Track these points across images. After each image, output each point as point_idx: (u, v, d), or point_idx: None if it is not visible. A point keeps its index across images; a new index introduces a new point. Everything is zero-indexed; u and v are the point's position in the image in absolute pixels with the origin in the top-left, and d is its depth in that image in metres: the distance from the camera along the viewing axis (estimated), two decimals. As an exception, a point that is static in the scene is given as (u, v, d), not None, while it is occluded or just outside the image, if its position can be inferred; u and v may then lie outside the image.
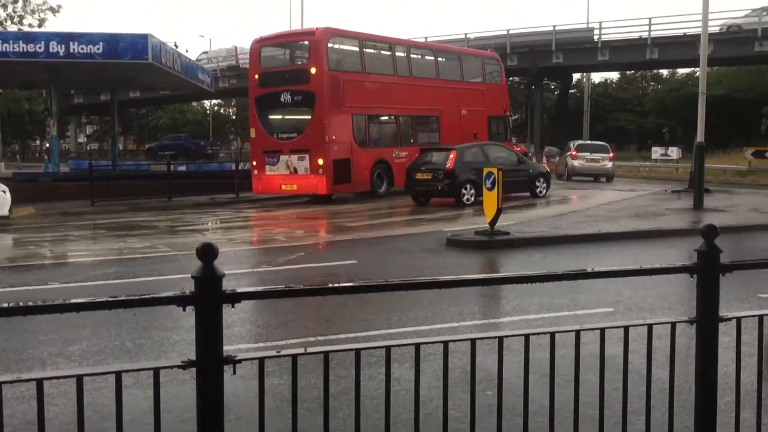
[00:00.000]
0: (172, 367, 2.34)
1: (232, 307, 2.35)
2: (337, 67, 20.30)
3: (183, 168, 26.53)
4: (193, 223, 16.65)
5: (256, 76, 21.01)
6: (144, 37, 20.62)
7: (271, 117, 21.06)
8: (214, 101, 74.99)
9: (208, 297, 2.28)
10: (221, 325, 2.31)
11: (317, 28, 20.48)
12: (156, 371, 2.32)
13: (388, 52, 22.79)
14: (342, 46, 21.24)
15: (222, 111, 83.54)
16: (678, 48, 42.18)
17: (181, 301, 2.29)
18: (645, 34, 44.05)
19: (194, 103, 75.96)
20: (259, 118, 21.05)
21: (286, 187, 20.60)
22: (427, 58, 24.82)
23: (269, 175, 20.64)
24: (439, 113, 23.67)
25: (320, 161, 19.46)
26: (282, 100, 20.24)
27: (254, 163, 21.21)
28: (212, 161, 42.95)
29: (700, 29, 18.43)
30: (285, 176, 20.36)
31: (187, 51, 33.89)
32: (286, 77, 20.38)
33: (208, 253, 2.29)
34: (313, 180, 19.86)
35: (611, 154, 31.10)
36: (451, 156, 18.45)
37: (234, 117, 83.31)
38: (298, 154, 19.92)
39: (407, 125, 22.83)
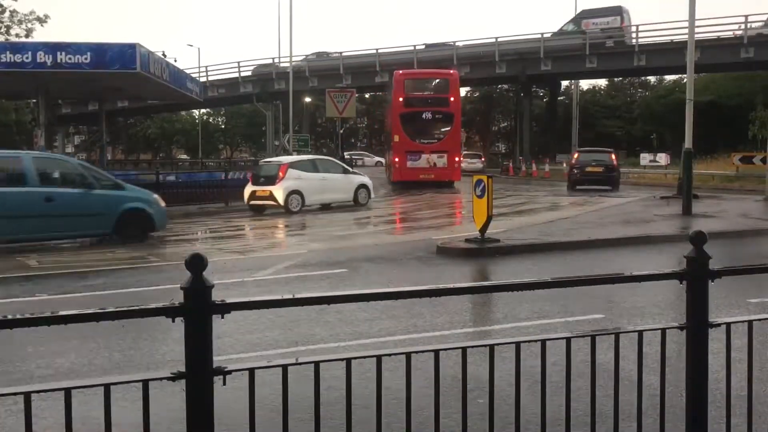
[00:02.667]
0: (161, 378, 2.33)
1: (222, 317, 2.34)
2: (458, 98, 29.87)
3: (172, 177, 26.44)
4: (182, 233, 16.58)
5: (401, 99, 28.43)
6: (132, 47, 20.56)
7: (412, 128, 28.25)
8: (203, 110, 74.89)
9: (198, 308, 2.26)
10: (211, 336, 2.30)
11: (453, 71, 30.70)
12: (145, 383, 2.30)
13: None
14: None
15: (211, 120, 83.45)
16: (665, 55, 42.48)
17: (170, 312, 2.28)
18: (632, 41, 44.36)
19: (183, 113, 75.85)
20: (402, 128, 28.26)
21: (424, 177, 27.73)
22: None
23: (410, 168, 27.86)
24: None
25: (457, 159, 28.41)
26: (423, 117, 28.11)
27: (397, 159, 28.19)
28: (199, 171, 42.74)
29: (686, 36, 18.57)
30: (424, 169, 27.79)
31: (175, 60, 33.83)
32: (428, 101, 28.60)
33: (197, 263, 2.28)
34: (449, 172, 28.20)
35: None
36: (613, 156, 28.85)
37: (223, 126, 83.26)
38: (438, 154, 27.94)
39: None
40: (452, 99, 28.38)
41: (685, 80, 19.22)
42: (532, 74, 48.13)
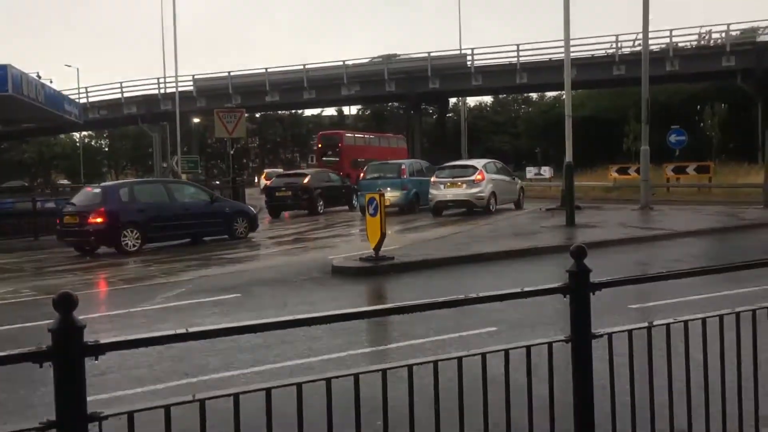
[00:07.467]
0: (29, 430, 2.14)
1: (96, 359, 2.18)
2: (346, 143, 45.07)
3: (51, 205, 24.99)
4: (63, 264, 15.71)
5: (320, 145, 46.46)
6: (3, 68, 19.44)
7: (324, 159, 44.53)
8: (85, 133, 71.72)
9: (67, 351, 2.10)
10: (83, 380, 2.14)
11: (341, 131, 49.67)
12: (10, 435, 2.11)
13: (355, 136, 48.84)
14: (348, 135, 47.50)
15: (93, 143, 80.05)
16: (545, 73, 44.51)
17: (36, 357, 2.10)
18: (514, 60, 46.25)
19: (62, 136, 72.40)
20: (322, 157, 45.32)
21: None
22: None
23: None
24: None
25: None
26: (328, 153, 44.61)
27: None
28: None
29: (563, 55, 19.49)
30: None
31: (51, 81, 32.28)
32: (330, 144, 45.25)
33: (65, 303, 2.12)
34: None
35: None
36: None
37: (107, 149, 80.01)
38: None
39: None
40: (341, 144, 45.40)
41: (563, 97, 20.17)
42: (421, 92, 49.22)
